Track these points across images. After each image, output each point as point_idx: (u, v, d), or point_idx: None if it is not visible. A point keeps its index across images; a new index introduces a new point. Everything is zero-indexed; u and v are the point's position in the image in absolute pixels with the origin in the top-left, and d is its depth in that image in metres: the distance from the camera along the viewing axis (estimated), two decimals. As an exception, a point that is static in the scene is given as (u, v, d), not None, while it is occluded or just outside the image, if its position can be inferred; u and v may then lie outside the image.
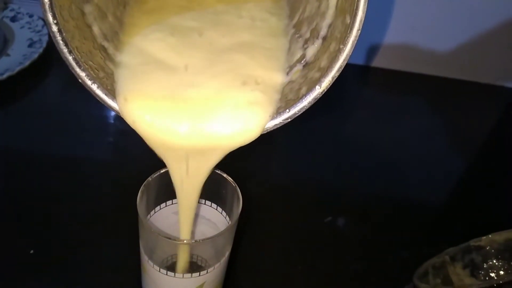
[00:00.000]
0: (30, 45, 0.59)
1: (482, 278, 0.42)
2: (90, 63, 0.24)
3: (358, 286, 0.41)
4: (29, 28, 0.62)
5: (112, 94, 0.24)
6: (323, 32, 0.25)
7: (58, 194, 0.45)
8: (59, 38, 0.22)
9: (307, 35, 0.26)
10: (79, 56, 0.23)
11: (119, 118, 0.53)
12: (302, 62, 0.26)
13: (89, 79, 0.23)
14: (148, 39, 0.26)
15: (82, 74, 0.23)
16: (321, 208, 0.48)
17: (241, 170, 0.30)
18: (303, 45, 0.26)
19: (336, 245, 0.44)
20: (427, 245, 0.45)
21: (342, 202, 0.49)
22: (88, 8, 0.24)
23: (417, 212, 0.50)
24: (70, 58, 0.22)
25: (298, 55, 0.26)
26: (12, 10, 0.64)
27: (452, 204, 0.53)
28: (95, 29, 0.25)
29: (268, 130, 0.24)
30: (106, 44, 0.25)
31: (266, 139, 0.25)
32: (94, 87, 0.23)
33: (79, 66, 0.23)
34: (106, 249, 0.40)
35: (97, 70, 0.24)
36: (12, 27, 0.62)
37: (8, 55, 0.58)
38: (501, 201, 0.53)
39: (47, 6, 0.21)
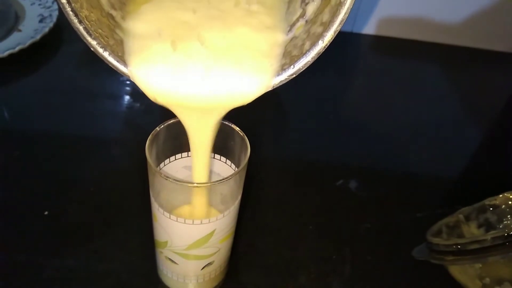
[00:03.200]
0: (41, 21, 0.60)
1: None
2: (100, 31, 0.24)
3: (369, 244, 0.41)
4: (40, 4, 0.63)
5: (123, 60, 0.25)
6: None
7: (70, 161, 0.46)
8: (68, 9, 0.22)
9: None
10: (89, 25, 0.23)
11: (129, 93, 0.54)
12: (305, 17, 0.26)
13: (100, 47, 0.24)
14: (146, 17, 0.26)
15: (94, 42, 0.23)
16: (333, 172, 0.48)
17: (252, 138, 0.30)
18: (302, 3, 0.26)
19: (348, 206, 0.44)
20: (441, 207, 0.44)
21: (354, 166, 0.49)
22: None
23: (431, 175, 0.49)
24: (80, 27, 0.23)
25: (298, 13, 0.26)
26: (22, -13, 0.64)
27: (466, 167, 0.52)
28: None
29: (275, 87, 0.25)
30: (113, 12, 0.26)
31: (277, 107, 0.26)
32: (106, 54, 0.24)
33: (90, 35, 0.23)
34: (118, 212, 0.41)
35: (107, 38, 0.24)
36: (23, 4, 0.63)
37: (19, 30, 0.59)
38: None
39: None
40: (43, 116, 0.51)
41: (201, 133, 0.27)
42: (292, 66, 0.24)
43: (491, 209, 0.41)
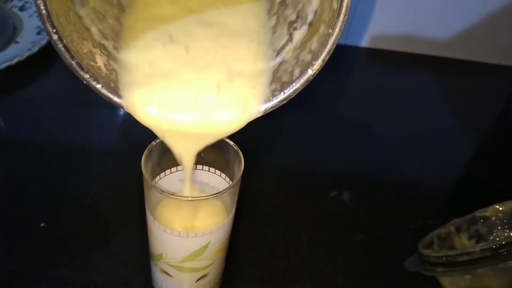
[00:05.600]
0: (38, 33, 0.61)
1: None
2: (92, 63, 0.24)
3: (362, 255, 0.41)
4: (37, 16, 0.63)
5: (117, 91, 0.25)
6: (309, 17, 0.26)
7: (67, 173, 0.46)
8: (60, 45, 0.22)
9: (293, 17, 0.27)
10: (81, 59, 0.23)
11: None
12: (292, 43, 0.26)
13: (93, 80, 0.24)
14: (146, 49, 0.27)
15: (86, 76, 0.24)
16: (326, 183, 0.48)
17: (246, 150, 0.30)
18: (289, 29, 0.27)
19: (341, 217, 0.45)
20: (433, 218, 0.45)
21: (348, 178, 0.50)
22: (84, 12, 0.25)
23: (423, 186, 0.50)
24: (73, 63, 0.23)
25: (285, 39, 0.27)
26: (20, 0, 0.65)
27: (457, 179, 0.53)
28: (93, 30, 0.25)
29: (267, 112, 0.26)
30: (105, 42, 0.26)
31: (271, 119, 0.26)
32: (99, 87, 0.24)
33: (82, 69, 0.23)
34: (114, 224, 0.41)
35: (99, 70, 0.25)
36: (21, 16, 0.64)
37: (17, 42, 0.59)
38: (506, 176, 0.53)
39: (45, 17, 0.21)
40: (40, 127, 0.51)
41: (188, 157, 0.28)
42: (282, 93, 0.24)
43: (481, 220, 0.42)
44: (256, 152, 0.50)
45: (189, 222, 0.30)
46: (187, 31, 0.27)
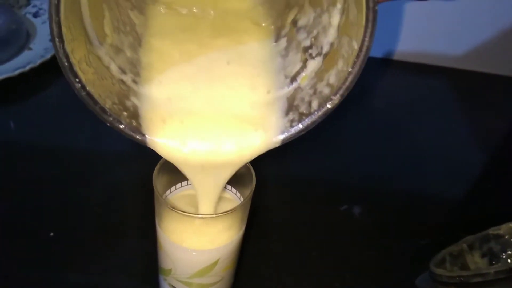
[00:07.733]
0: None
1: (502, 267, 0.41)
2: (110, 102, 0.24)
3: (373, 272, 0.41)
4: (51, 23, 0.64)
5: (139, 128, 0.25)
6: (325, 49, 0.25)
7: (77, 181, 0.46)
8: (84, 93, 0.22)
9: (307, 43, 0.26)
10: (104, 101, 0.23)
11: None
12: (306, 71, 0.26)
13: (116, 122, 0.24)
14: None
15: (110, 119, 0.24)
16: (337, 197, 0.48)
17: (257, 161, 0.30)
18: (304, 54, 0.26)
19: (351, 232, 0.44)
20: (445, 234, 0.45)
21: (359, 192, 0.49)
22: (102, 51, 0.25)
23: (435, 202, 0.49)
24: (97, 108, 0.23)
25: (297, 66, 0.27)
26: (34, 6, 0.66)
27: (470, 195, 0.52)
28: (112, 67, 0.25)
29: (284, 142, 0.26)
30: (124, 77, 0.26)
31: None
32: (122, 127, 0.24)
33: (106, 113, 0.23)
34: (123, 234, 0.41)
35: (121, 111, 0.24)
36: (34, 23, 0.64)
37: (30, 49, 0.60)
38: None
39: (67, 69, 0.21)
40: (51, 134, 0.52)
41: (210, 189, 0.28)
42: (300, 124, 0.25)
43: (495, 238, 0.41)
44: (266, 165, 0.50)
45: (200, 238, 0.30)
46: (197, 115, 0.27)
